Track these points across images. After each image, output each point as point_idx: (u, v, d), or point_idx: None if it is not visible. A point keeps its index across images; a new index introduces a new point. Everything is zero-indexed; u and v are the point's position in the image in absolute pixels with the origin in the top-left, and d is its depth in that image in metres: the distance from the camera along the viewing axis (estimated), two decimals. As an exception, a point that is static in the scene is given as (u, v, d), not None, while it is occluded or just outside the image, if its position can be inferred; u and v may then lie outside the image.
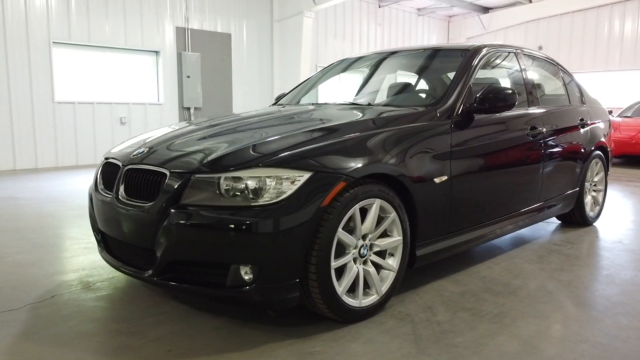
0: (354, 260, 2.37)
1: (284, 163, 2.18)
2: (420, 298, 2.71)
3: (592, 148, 4.26)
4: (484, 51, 3.36)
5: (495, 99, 2.94)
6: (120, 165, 2.54)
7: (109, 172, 2.65)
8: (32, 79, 8.38)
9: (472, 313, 2.51)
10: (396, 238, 2.52)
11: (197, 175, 2.18)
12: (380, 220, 2.47)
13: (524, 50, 3.91)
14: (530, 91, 3.66)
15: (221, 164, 2.20)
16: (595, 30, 13.78)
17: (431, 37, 16.05)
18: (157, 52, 9.94)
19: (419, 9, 15.33)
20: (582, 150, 4.09)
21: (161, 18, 9.83)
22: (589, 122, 4.25)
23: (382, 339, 2.22)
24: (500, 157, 3.16)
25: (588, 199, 4.38)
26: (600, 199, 4.55)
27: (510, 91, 2.96)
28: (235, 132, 2.67)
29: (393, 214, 2.47)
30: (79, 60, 9.03)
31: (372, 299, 2.44)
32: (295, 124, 2.74)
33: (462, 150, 2.85)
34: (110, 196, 2.50)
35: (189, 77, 10.21)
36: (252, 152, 2.25)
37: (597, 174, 4.50)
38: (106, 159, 2.76)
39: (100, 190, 2.66)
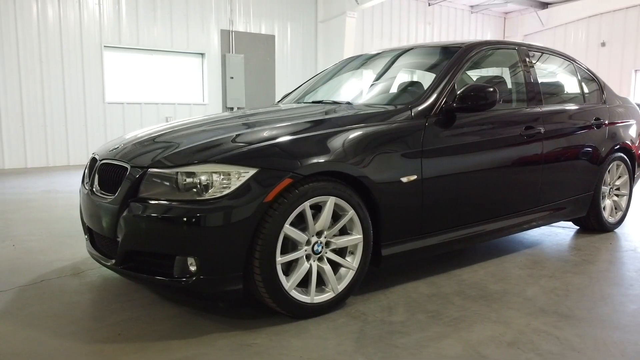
0: (307, 256, 2.40)
1: (232, 159, 2.25)
2: (386, 298, 2.69)
3: (612, 149, 4.00)
4: (475, 49, 3.26)
5: (476, 97, 2.85)
6: (98, 159, 2.71)
7: (93, 167, 2.83)
8: (85, 81, 8.98)
9: (430, 315, 2.46)
10: (355, 236, 2.52)
11: (150, 170, 2.30)
12: (339, 218, 2.48)
13: (531, 46, 3.75)
14: (532, 89, 3.51)
15: (173, 160, 2.30)
16: (665, 24, 12.82)
17: (485, 35, 15.54)
18: (202, 54, 10.32)
19: (471, 6, 14.90)
20: (597, 151, 3.86)
21: (206, 21, 10.21)
22: (607, 122, 4.00)
23: (325, 336, 2.24)
24: (484, 157, 3.05)
25: (607, 204, 4.12)
26: (623, 204, 4.27)
27: (491, 89, 2.86)
28: (206, 130, 2.76)
29: (351, 212, 2.47)
30: (128, 63, 9.56)
31: (326, 296, 2.46)
32: (263, 122, 2.80)
33: (436, 150, 2.79)
34: (88, 189, 2.68)
35: (232, 78, 10.52)
36: (205, 149, 2.34)
37: (619, 177, 4.23)
38: (93, 154, 2.95)
39: (84, 184, 2.84)
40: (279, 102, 4.04)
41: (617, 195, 4.25)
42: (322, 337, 2.23)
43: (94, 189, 2.62)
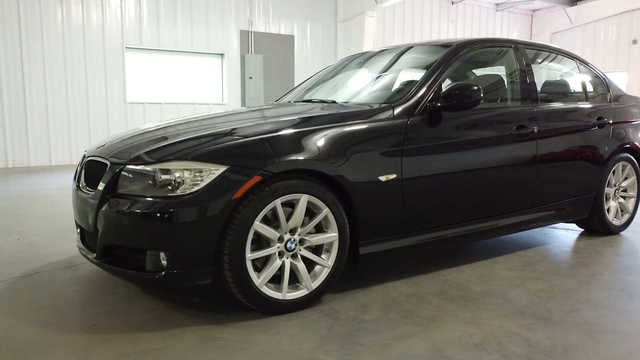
0: (280, 253, 2.43)
1: (204, 157, 2.30)
2: (363, 296, 2.69)
3: (617, 150, 3.89)
4: (466, 48, 3.23)
5: (461, 96, 2.83)
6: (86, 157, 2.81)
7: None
8: (107, 82, 9.24)
9: (403, 315, 2.45)
10: (331, 234, 2.53)
11: (127, 166, 2.37)
12: (315, 216, 2.49)
13: (529, 44, 3.67)
14: (526, 88, 3.43)
15: (148, 157, 2.37)
16: (701, 20, 12.29)
17: (511, 33, 15.24)
18: (222, 55, 10.47)
19: (497, 4, 14.64)
20: (598, 151, 3.75)
21: (226, 22, 10.35)
22: (611, 121, 3.88)
23: (292, 332, 2.26)
24: (469, 156, 3.01)
25: (612, 206, 4.00)
26: (630, 206, 4.13)
27: (475, 88, 2.83)
28: (188, 128, 2.81)
29: (325, 210, 2.48)
30: (149, 64, 9.77)
31: (299, 293, 2.48)
32: (244, 121, 2.85)
33: (418, 149, 2.78)
34: (75, 185, 2.77)
35: (251, 78, 10.64)
36: (179, 147, 2.40)
37: (625, 178, 4.10)
38: (85, 151, 3.05)
39: (75, 181, 2.95)
40: (276, 101, 4.08)
41: (623, 197, 4.12)
42: (289, 333, 2.25)
43: (80, 185, 2.71)
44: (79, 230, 2.94)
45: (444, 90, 2.87)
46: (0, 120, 8.43)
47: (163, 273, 2.23)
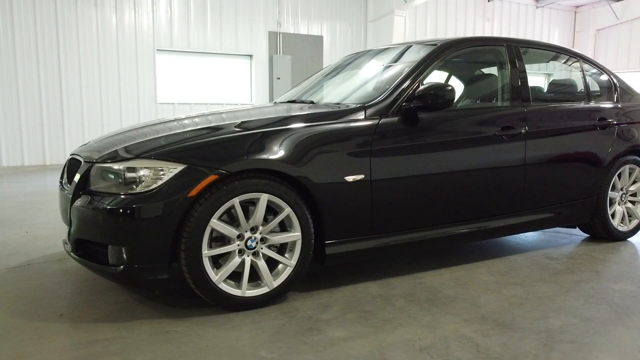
0: (241, 251, 2.47)
1: (163, 156, 2.38)
2: (329, 296, 2.70)
3: (623, 152, 3.71)
4: (452, 49, 3.18)
5: (435, 96, 2.79)
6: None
7: (71, 162, 3.09)
8: (139, 83, 9.58)
9: (361, 316, 2.45)
10: (293, 234, 2.55)
11: (96, 164, 2.49)
12: (278, 215, 2.53)
13: (525, 43, 3.55)
14: (517, 88, 3.33)
15: (113, 155, 2.48)
16: None
17: (552, 31, 14.69)
18: (250, 56, 10.65)
19: (536, 0, 14.14)
20: (600, 153, 3.59)
21: (255, 24, 10.52)
22: (615, 122, 3.70)
23: (245, 328, 2.30)
24: (446, 157, 2.95)
25: (617, 210, 3.82)
26: (639, 211, 3.93)
27: (449, 88, 2.79)
28: (164, 127, 2.90)
29: (287, 210, 2.51)
30: (179, 65, 10.06)
31: (260, 290, 2.51)
32: (218, 120, 2.93)
33: (389, 150, 2.76)
34: (59, 182, 2.93)
35: (279, 78, 10.76)
36: (145, 146, 2.49)
37: (634, 182, 3.90)
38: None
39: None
40: (271, 102, 4.14)
41: (632, 202, 3.92)
42: (241, 329, 2.30)
43: (62, 182, 2.86)
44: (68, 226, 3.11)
45: (418, 90, 2.84)
46: (39, 120, 8.91)
47: (122, 267, 2.33)
